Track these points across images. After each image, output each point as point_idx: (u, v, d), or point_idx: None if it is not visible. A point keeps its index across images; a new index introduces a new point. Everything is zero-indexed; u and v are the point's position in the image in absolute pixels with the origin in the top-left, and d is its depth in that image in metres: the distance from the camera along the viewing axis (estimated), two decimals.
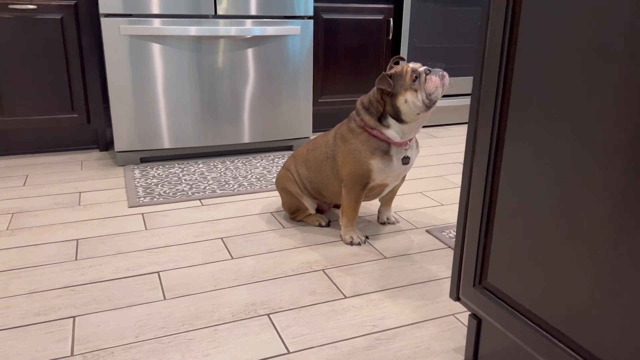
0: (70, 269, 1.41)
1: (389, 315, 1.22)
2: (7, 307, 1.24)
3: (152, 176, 2.16)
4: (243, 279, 1.37)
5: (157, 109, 2.27)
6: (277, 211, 1.83)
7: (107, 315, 1.21)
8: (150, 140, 2.30)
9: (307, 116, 2.56)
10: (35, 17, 2.24)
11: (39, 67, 2.31)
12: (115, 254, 1.50)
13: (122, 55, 2.16)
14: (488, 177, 0.89)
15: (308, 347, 1.11)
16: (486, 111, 0.88)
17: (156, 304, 1.25)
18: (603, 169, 0.69)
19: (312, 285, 1.35)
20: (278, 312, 1.23)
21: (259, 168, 2.29)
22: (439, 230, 1.68)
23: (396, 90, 1.43)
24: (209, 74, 2.31)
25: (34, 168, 2.26)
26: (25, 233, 1.63)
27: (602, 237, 0.70)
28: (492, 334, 0.99)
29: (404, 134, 1.48)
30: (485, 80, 0.87)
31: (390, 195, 1.71)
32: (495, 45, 0.84)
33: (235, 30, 2.27)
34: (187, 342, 1.12)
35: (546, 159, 0.77)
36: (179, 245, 1.56)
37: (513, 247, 0.86)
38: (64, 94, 2.38)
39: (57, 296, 1.28)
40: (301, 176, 1.64)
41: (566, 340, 0.78)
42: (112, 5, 2.09)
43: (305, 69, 2.48)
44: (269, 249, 1.54)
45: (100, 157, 2.44)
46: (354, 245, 1.57)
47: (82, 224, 1.70)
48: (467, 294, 0.98)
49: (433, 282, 1.38)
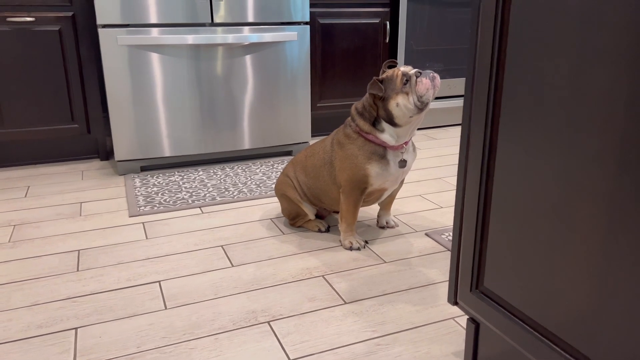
0: (72, 280, 1.42)
1: (388, 320, 1.23)
2: (9, 319, 1.25)
3: (153, 185, 2.17)
4: (243, 287, 1.38)
5: (156, 117, 2.28)
6: (276, 217, 1.83)
7: (109, 326, 1.21)
8: (150, 149, 2.32)
9: (305, 121, 2.57)
10: (34, 29, 2.26)
11: (38, 78, 2.32)
12: (117, 264, 1.51)
13: (120, 65, 2.17)
14: (482, 182, 0.90)
15: (308, 354, 1.11)
16: (478, 116, 0.88)
17: (157, 314, 1.26)
18: (594, 172, 0.70)
19: (312, 291, 1.36)
20: (278, 319, 1.23)
21: (258, 174, 2.30)
22: (438, 233, 1.69)
23: (387, 94, 1.44)
24: (208, 81, 2.32)
25: (35, 179, 2.28)
26: (27, 245, 1.64)
27: (596, 240, 0.71)
28: (490, 337, 1.00)
29: (399, 137, 1.49)
30: (477, 85, 0.88)
31: (390, 199, 1.71)
32: (486, 52, 0.85)
33: (233, 38, 2.28)
34: (189, 351, 1.12)
35: (538, 163, 0.78)
36: (180, 254, 1.57)
37: (508, 251, 0.87)
38: (63, 105, 2.40)
39: (59, 308, 1.29)
40: (300, 182, 1.65)
41: (562, 344, 0.79)
42: (109, 16, 2.10)
43: (303, 74, 2.49)
44: (269, 255, 1.55)
45: (100, 167, 2.45)
46: (354, 250, 1.58)
47: (83, 234, 1.71)
48: (465, 298, 0.98)
49: (433, 285, 1.38)
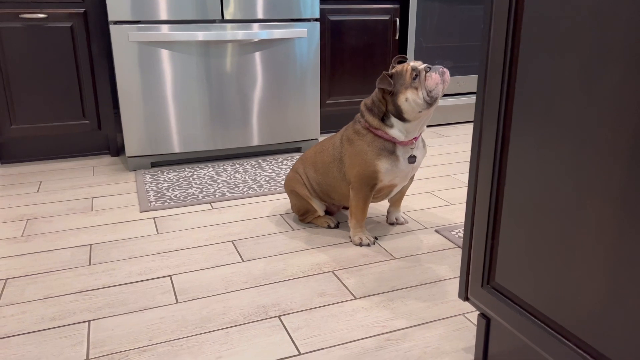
0: (84, 274, 1.44)
1: (398, 316, 1.23)
2: (23, 312, 1.26)
3: (163, 180, 2.19)
4: (254, 282, 1.39)
5: (166, 114, 2.30)
6: (286, 213, 1.84)
7: (121, 319, 1.23)
8: (160, 145, 2.33)
9: (315, 118, 2.57)
10: (46, 26, 2.28)
11: (50, 74, 2.34)
12: (128, 259, 1.52)
13: (131, 61, 2.19)
14: (494, 178, 0.90)
15: (318, 348, 1.12)
16: (490, 112, 0.88)
17: (169, 308, 1.27)
18: (607, 168, 0.69)
19: (321, 286, 1.36)
20: (289, 314, 1.24)
21: (268, 170, 2.31)
22: (448, 230, 1.68)
23: (397, 89, 1.44)
24: (218, 78, 2.33)
25: (47, 174, 2.30)
26: (40, 239, 1.66)
27: (609, 236, 0.71)
28: (501, 333, 1.00)
29: (408, 133, 1.49)
30: (490, 82, 0.87)
31: (399, 195, 1.71)
32: (499, 48, 0.84)
33: (243, 34, 2.29)
34: (200, 344, 1.13)
35: (551, 159, 0.78)
36: (190, 248, 1.58)
37: (520, 246, 0.87)
38: (75, 101, 2.42)
39: (72, 301, 1.31)
40: (309, 178, 1.65)
41: (574, 339, 0.79)
42: (121, 12, 2.12)
43: (312, 71, 2.49)
44: (278, 251, 1.56)
45: (111, 163, 2.47)
46: (363, 247, 1.58)
47: (95, 229, 1.73)
48: (476, 293, 0.98)
49: (442, 282, 1.38)
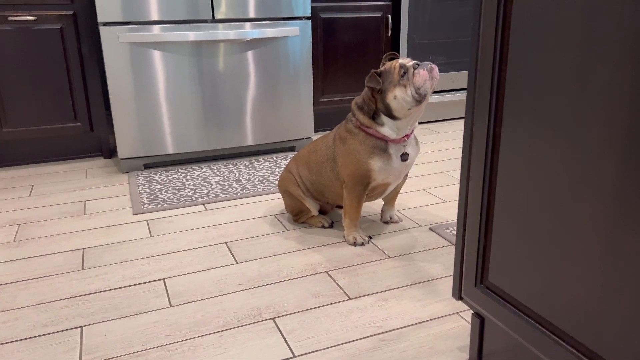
0: (76, 278, 1.43)
1: (393, 316, 1.22)
2: (15, 318, 1.25)
3: (156, 182, 2.18)
4: (247, 283, 1.38)
5: (159, 114, 2.28)
6: (280, 213, 1.83)
7: (115, 324, 1.22)
8: (153, 146, 2.32)
9: (308, 117, 2.56)
10: (35, 28, 2.26)
11: (40, 77, 2.33)
12: (121, 262, 1.51)
13: (122, 62, 2.17)
14: (486, 176, 0.90)
15: (313, 350, 1.11)
16: (481, 109, 0.88)
17: (162, 311, 1.26)
18: (600, 164, 0.69)
19: (316, 287, 1.36)
20: (283, 316, 1.23)
21: (261, 170, 2.30)
22: (442, 228, 1.68)
23: (385, 87, 1.44)
24: (210, 78, 2.32)
25: (39, 178, 2.28)
26: (32, 244, 1.65)
27: (602, 234, 0.70)
28: (496, 332, 0.99)
29: (399, 130, 1.48)
30: (480, 78, 0.87)
31: (394, 193, 1.71)
32: (489, 44, 0.84)
33: (234, 34, 2.27)
34: (194, 348, 1.13)
35: (543, 156, 0.77)
36: (184, 251, 1.57)
37: (513, 245, 0.86)
38: (66, 103, 2.40)
39: (64, 306, 1.30)
40: (303, 178, 1.65)
41: (568, 338, 0.79)
42: (111, 13, 2.10)
43: (305, 70, 2.48)
44: (272, 252, 1.55)
45: (104, 165, 2.45)
46: (358, 246, 1.58)
47: (87, 232, 1.72)
48: (469, 293, 0.98)
49: (437, 280, 1.38)
